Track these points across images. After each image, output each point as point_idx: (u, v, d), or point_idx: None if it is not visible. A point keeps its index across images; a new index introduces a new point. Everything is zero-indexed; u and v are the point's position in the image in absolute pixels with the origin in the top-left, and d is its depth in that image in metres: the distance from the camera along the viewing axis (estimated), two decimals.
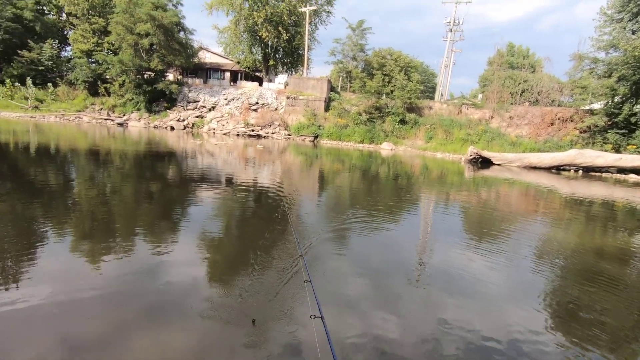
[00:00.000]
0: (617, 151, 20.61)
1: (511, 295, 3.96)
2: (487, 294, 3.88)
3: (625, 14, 22.01)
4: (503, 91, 31.60)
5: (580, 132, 23.67)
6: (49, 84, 33.62)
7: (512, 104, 30.31)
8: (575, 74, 26.12)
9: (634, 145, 20.47)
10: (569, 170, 19.47)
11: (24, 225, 4.91)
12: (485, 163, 20.30)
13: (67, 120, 29.97)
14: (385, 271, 4.31)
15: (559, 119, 25.35)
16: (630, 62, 19.75)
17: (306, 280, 2.09)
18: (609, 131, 21.71)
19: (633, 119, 20.66)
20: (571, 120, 24.89)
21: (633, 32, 21.60)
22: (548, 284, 4.37)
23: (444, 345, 2.84)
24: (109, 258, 4.04)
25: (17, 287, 3.26)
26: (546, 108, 27.43)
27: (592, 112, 23.78)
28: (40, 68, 34.41)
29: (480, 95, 36.09)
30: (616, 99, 21.92)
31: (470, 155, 20.77)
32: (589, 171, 19.21)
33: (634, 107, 20.76)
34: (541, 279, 4.46)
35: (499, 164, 19.98)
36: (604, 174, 18.76)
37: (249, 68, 37.08)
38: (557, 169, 19.46)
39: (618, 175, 18.54)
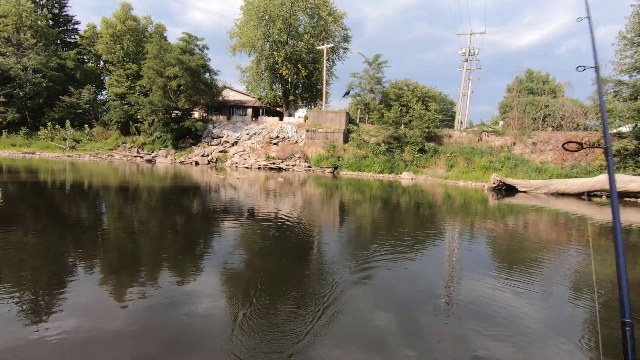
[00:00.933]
0: None
1: (550, 329, 3.74)
2: (524, 328, 3.70)
3: None
4: (524, 117, 31.21)
5: None
6: (86, 125, 36.15)
7: (534, 129, 29.80)
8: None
9: None
10: (601, 196, 18.61)
11: (57, 258, 5.16)
12: (510, 191, 19.74)
13: (100, 158, 31.76)
14: (412, 306, 4.20)
15: (585, 143, 24.61)
16: None
17: None
18: None
19: None
20: (598, 145, 24.10)
21: None
22: (590, 317, 4.11)
23: None
24: (136, 291, 4.17)
25: (47, 320, 3.39)
26: (571, 133, 26.79)
27: (620, 136, 22.98)
28: (78, 111, 37.18)
29: (501, 122, 35.73)
30: None
31: (494, 183, 20.29)
32: (623, 197, 18.28)
33: None
34: (581, 312, 4.21)
35: (524, 191, 19.38)
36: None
37: (269, 104, 38.62)
38: (588, 195, 18.65)
39: None
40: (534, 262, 6.34)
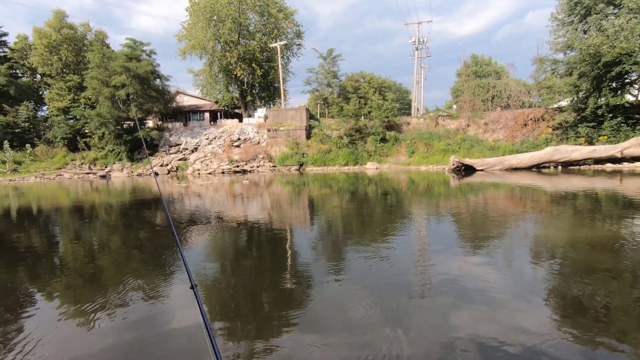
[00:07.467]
0: (591, 143, 21.42)
1: (516, 296, 3.96)
2: (494, 297, 3.88)
3: (575, 17, 23.61)
4: (475, 99, 32.87)
5: (553, 130, 24.60)
6: (27, 145, 33.31)
7: (485, 110, 31.45)
8: (539, 76, 27.52)
9: (604, 136, 21.34)
10: (549, 167, 20.05)
11: (10, 293, 4.72)
12: (469, 170, 20.73)
13: (48, 179, 29.50)
14: (387, 290, 4.28)
15: (531, 119, 26.37)
16: (586, 59, 20.97)
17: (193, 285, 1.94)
18: (579, 125, 22.64)
19: (599, 112, 21.66)
20: (543, 119, 25.92)
21: (584, 32, 23.09)
22: (550, 280, 4.40)
23: (458, 357, 2.81)
24: (104, 317, 3.90)
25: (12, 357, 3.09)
26: (518, 111, 28.56)
27: (560, 110, 24.86)
28: (17, 130, 34.21)
29: (454, 106, 37.41)
30: (580, 94, 23.05)
31: (453, 165, 21.23)
32: (567, 166, 19.82)
33: (598, 100, 21.82)
34: (543, 276, 4.49)
35: (481, 170, 20.43)
36: (582, 167, 19.38)
37: (227, 106, 37.70)
38: (537, 168, 20.01)
39: (595, 166, 19.20)
40: (496, 234, 6.70)
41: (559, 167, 19.73)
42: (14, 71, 38.98)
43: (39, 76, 39.36)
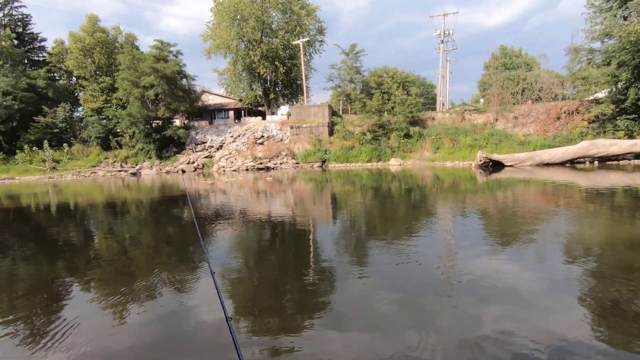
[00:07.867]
0: (631, 137, 20.16)
1: (549, 297, 3.81)
2: (525, 298, 3.75)
3: (614, 2, 22.19)
4: (504, 92, 31.67)
5: (589, 123, 23.34)
6: (64, 144, 35.19)
7: (514, 104, 30.24)
8: (573, 66, 26.15)
9: None
10: (584, 162, 19.05)
11: (50, 283, 5.02)
12: (497, 166, 20.04)
13: (83, 176, 31.06)
14: (415, 289, 4.22)
15: (564, 112, 25.12)
16: (627, 47, 19.71)
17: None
18: (618, 118, 21.35)
19: None
20: (577, 112, 24.64)
21: (624, 19, 21.68)
22: (585, 281, 4.20)
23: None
24: (138, 308, 4.08)
25: (51, 347, 3.29)
26: (550, 103, 27.28)
27: (597, 102, 23.52)
28: (55, 130, 36.14)
29: (481, 100, 36.17)
30: (619, 85, 21.71)
31: (480, 160, 20.57)
32: (605, 161, 18.76)
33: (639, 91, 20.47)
34: (577, 276, 4.29)
35: (510, 165, 19.70)
36: (621, 162, 18.29)
37: (251, 104, 38.22)
38: (572, 163, 19.07)
39: (636, 161, 18.06)
40: (528, 233, 6.45)
41: (595, 163, 18.70)
42: (52, 74, 41.21)
43: (74, 78, 41.43)
